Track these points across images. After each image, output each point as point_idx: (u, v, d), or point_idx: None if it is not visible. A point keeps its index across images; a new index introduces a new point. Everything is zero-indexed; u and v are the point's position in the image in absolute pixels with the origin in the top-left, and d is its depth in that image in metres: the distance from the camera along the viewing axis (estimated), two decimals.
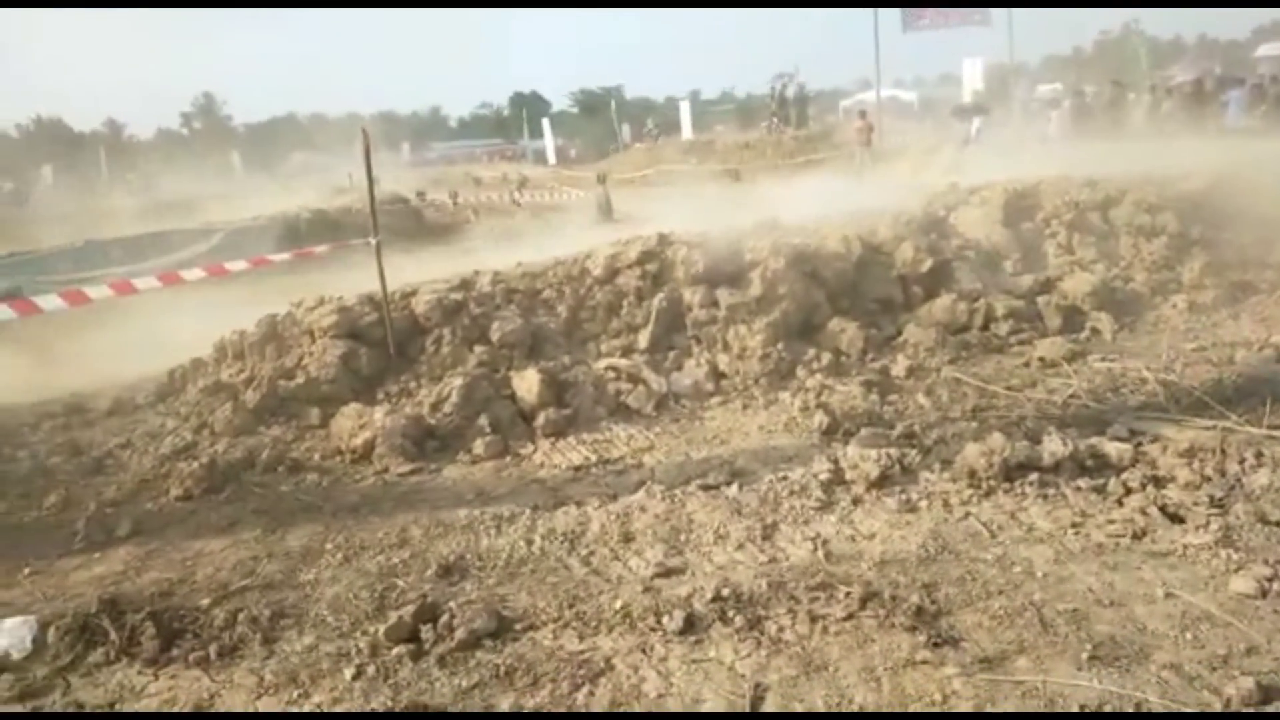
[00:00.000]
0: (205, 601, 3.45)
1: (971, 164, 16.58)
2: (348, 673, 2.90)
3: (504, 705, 2.68)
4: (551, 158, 42.26)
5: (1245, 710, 2.38)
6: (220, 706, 2.83)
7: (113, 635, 3.17)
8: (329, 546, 3.90)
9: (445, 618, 3.10)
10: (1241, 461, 4.00)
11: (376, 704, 2.74)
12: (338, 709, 2.74)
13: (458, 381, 5.25)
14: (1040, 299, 6.79)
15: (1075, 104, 19.02)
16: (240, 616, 3.30)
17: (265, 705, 2.81)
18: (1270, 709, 2.39)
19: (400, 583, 3.50)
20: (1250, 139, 13.56)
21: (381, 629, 3.08)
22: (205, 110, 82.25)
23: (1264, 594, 2.95)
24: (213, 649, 3.10)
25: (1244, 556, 3.19)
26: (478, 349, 5.74)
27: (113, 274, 10.75)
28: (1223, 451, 4.08)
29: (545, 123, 45.61)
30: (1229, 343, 5.93)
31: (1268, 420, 4.43)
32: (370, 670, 2.91)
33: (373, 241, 5.70)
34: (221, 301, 7.93)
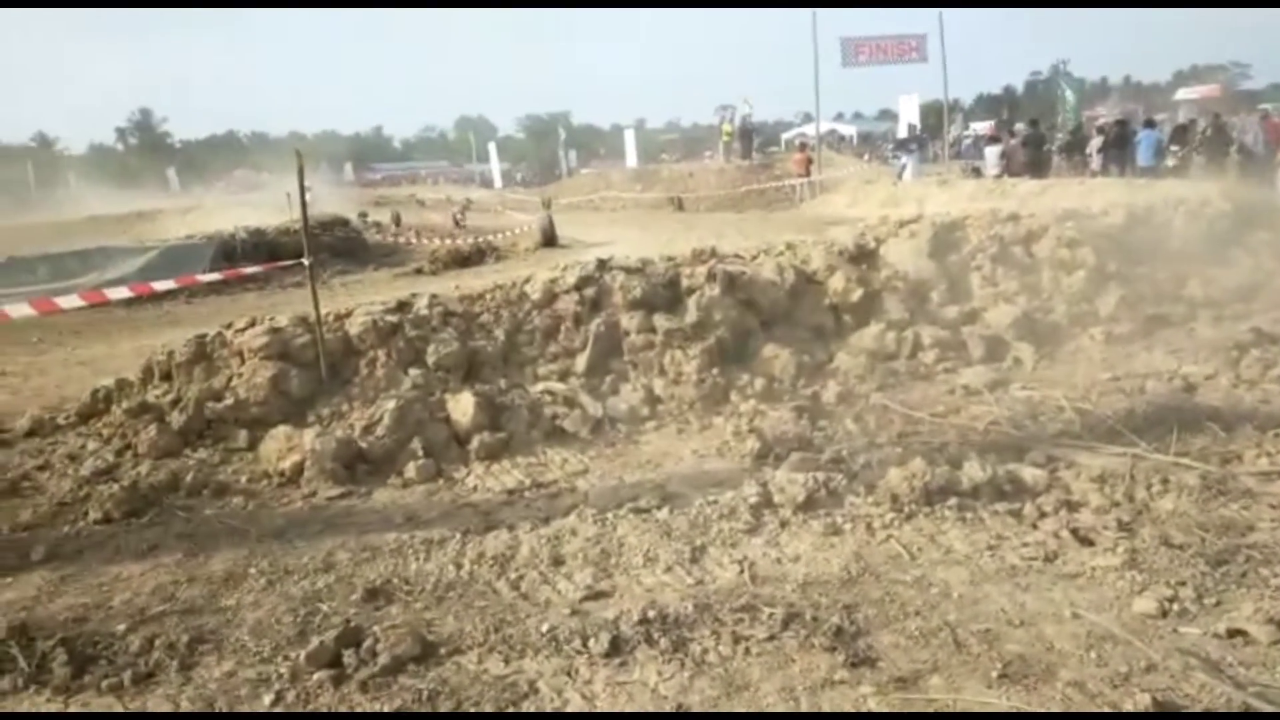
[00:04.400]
0: (121, 627, 3.37)
1: (907, 197, 17.10)
2: (267, 699, 2.86)
3: None
4: (498, 181, 42.30)
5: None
6: None
7: (21, 663, 3.08)
8: (252, 571, 3.83)
9: (369, 642, 3.07)
10: (1149, 487, 4.18)
11: None
12: None
13: (391, 404, 5.22)
14: (965, 329, 7.01)
15: (1005, 143, 19.70)
16: (157, 642, 3.22)
17: None
18: None
19: (324, 607, 3.46)
20: (1163, 178, 14.19)
21: (303, 654, 3.04)
22: (141, 126, 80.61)
23: (1164, 614, 3.09)
24: (127, 675, 3.02)
25: (1147, 578, 3.33)
26: (413, 372, 5.71)
27: (35, 291, 10.47)
28: (1132, 478, 4.26)
29: (492, 147, 45.72)
30: (1141, 373, 6.18)
31: (1175, 448, 4.64)
32: (290, 696, 2.88)
33: (306, 262, 5.65)
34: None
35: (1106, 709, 2.56)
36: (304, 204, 5.66)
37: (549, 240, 16.32)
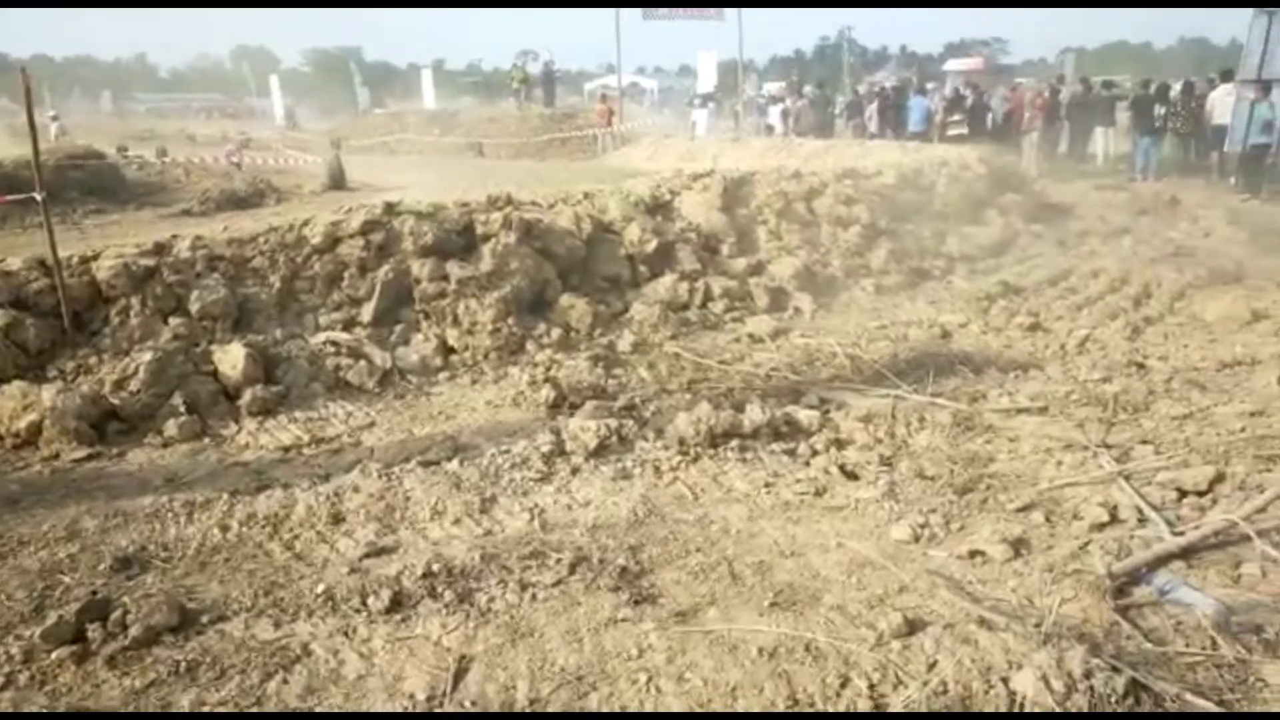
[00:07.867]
0: None
1: (702, 152, 17.51)
2: None
3: (184, 703, 2.47)
4: (280, 118, 39.22)
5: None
6: None
7: None
8: None
9: (118, 614, 2.80)
10: (908, 425, 4.56)
11: None
12: None
13: (147, 356, 4.73)
14: (752, 280, 7.32)
15: (793, 103, 20.60)
16: None
17: None
18: (914, 639, 2.72)
19: (66, 579, 3.12)
20: (932, 142, 15.36)
21: (38, 631, 2.73)
22: None
23: (916, 539, 3.38)
24: None
25: (903, 508, 3.63)
26: (173, 321, 5.21)
27: None
28: (893, 417, 4.63)
29: (273, 80, 42.17)
30: (905, 322, 6.72)
31: (931, 389, 5.08)
32: (22, 678, 2.58)
33: (39, 196, 4.98)
34: None
35: (864, 629, 2.76)
36: (33, 128, 4.97)
37: (337, 183, 15.30)
